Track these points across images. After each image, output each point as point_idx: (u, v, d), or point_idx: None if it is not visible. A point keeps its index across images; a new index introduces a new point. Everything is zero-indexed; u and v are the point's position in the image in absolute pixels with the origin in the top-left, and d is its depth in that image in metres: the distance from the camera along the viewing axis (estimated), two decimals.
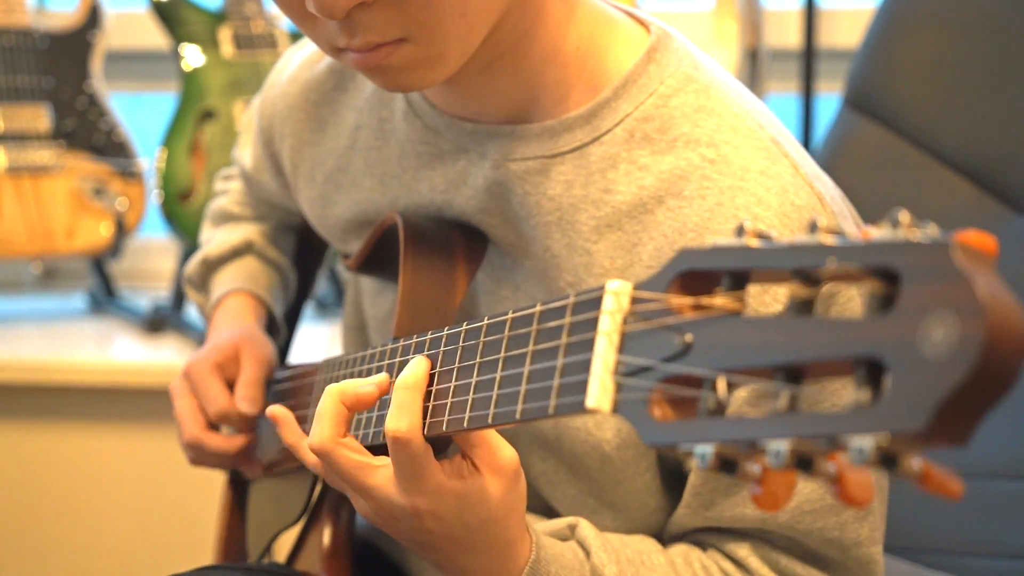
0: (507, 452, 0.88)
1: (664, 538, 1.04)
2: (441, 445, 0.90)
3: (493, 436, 0.88)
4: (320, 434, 0.90)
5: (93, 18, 2.37)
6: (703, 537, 1.02)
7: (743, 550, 1.00)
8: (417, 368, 0.88)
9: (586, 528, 0.98)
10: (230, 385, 1.25)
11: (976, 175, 1.62)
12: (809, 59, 2.20)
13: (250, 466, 1.28)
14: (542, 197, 1.03)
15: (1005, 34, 1.63)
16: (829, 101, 2.15)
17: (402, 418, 0.86)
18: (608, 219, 1.01)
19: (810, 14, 2.20)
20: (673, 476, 1.05)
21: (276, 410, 1.05)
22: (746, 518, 0.98)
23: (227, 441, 1.23)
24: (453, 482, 0.88)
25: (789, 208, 0.97)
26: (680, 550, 1.00)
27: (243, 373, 1.24)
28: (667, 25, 1.06)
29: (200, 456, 1.25)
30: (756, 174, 0.97)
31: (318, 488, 1.17)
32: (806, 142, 2.15)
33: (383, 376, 0.92)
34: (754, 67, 2.21)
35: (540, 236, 1.04)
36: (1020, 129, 1.61)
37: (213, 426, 1.25)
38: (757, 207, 0.96)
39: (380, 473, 0.90)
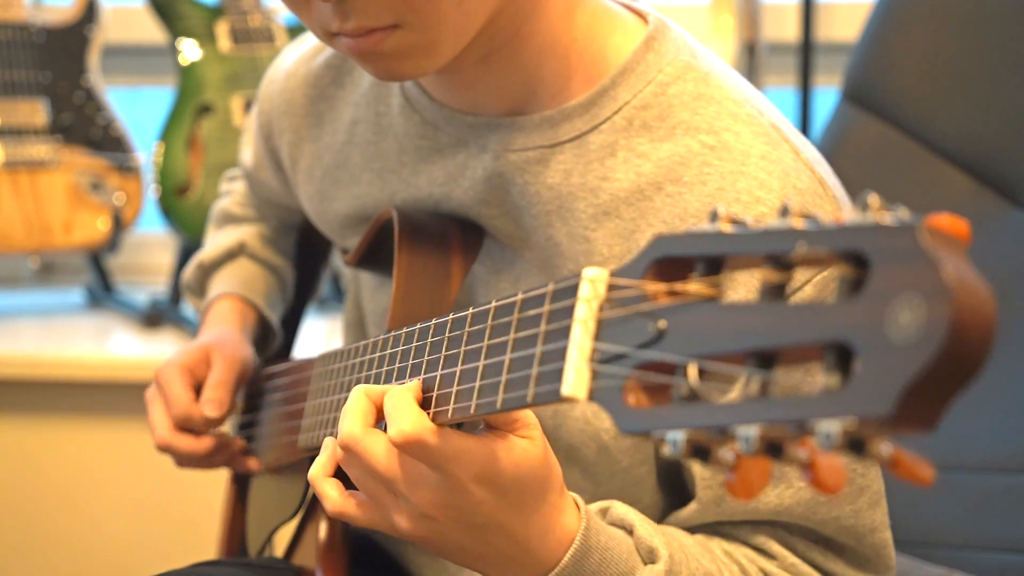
0: (532, 414, 0.84)
1: None
2: None
3: None
4: (348, 426, 0.84)
5: (90, 12, 2.37)
6: (716, 529, 1.01)
7: (760, 537, 0.99)
8: (406, 382, 0.86)
9: (621, 507, 0.95)
10: (201, 388, 1.24)
11: (974, 168, 1.62)
12: (807, 53, 2.20)
13: (239, 463, 1.28)
14: (541, 187, 1.03)
15: (1002, 27, 1.62)
16: (827, 95, 2.14)
17: (400, 421, 0.81)
18: (606, 206, 1.01)
19: (808, 8, 2.20)
20: (669, 473, 1.04)
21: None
22: (760, 511, 0.98)
23: (197, 443, 1.23)
24: (486, 442, 0.82)
25: (791, 191, 0.96)
26: (699, 537, 0.99)
27: (211, 374, 1.24)
28: (664, 16, 1.06)
29: (177, 459, 1.25)
30: (757, 159, 0.97)
31: None
32: (804, 136, 2.15)
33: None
34: (752, 61, 2.21)
35: (541, 226, 1.04)
36: (1018, 122, 1.60)
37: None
38: (759, 190, 0.96)
39: (414, 462, 0.83)
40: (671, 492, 1.05)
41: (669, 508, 1.04)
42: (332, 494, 0.89)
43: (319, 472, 0.90)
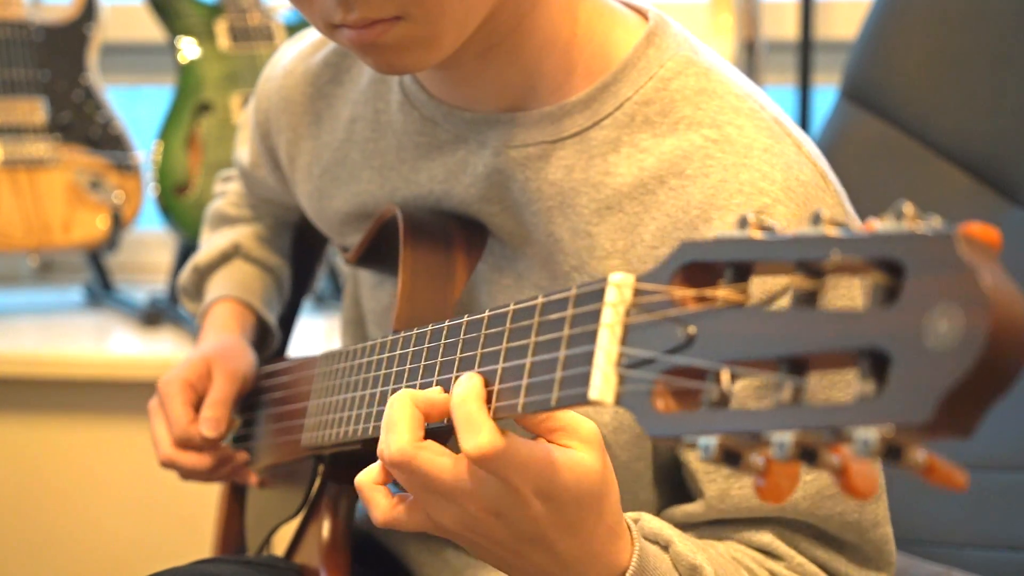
0: (589, 425, 0.82)
1: None
2: (442, 437, 0.85)
3: (570, 416, 0.81)
4: (398, 441, 0.80)
5: (89, 11, 2.37)
6: (719, 531, 1.01)
7: (765, 536, 0.99)
8: (469, 378, 0.81)
9: (652, 520, 0.93)
10: (203, 401, 1.24)
11: (973, 166, 1.62)
12: (806, 51, 2.20)
13: (240, 476, 1.29)
14: (543, 183, 1.03)
15: (1002, 26, 1.62)
16: (826, 93, 2.15)
17: (476, 435, 0.77)
18: (608, 201, 1.01)
19: (807, 6, 2.20)
20: (666, 470, 1.05)
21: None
22: (764, 507, 0.98)
23: (199, 458, 1.23)
24: (553, 454, 0.79)
25: (794, 183, 0.97)
26: (707, 543, 0.98)
27: (211, 392, 1.23)
28: (664, 13, 1.07)
29: (182, 473, 1.25)
30: (760, 151, 0.97)
31: (318, 481, 1.17)
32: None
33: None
34: (751, 59, 2.21)
35: (542, 222, 1.04)
36: (1017, 120, 1.61)
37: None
38: (762, 182, 0.96)
39: (476, 471, 0.80)
40: (667, 489, 1.05)
41: (664, 504, 1.05)
42: (382, 503, 0.86)
43: (370, 480, 0.87)
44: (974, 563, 1.43)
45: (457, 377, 0.84)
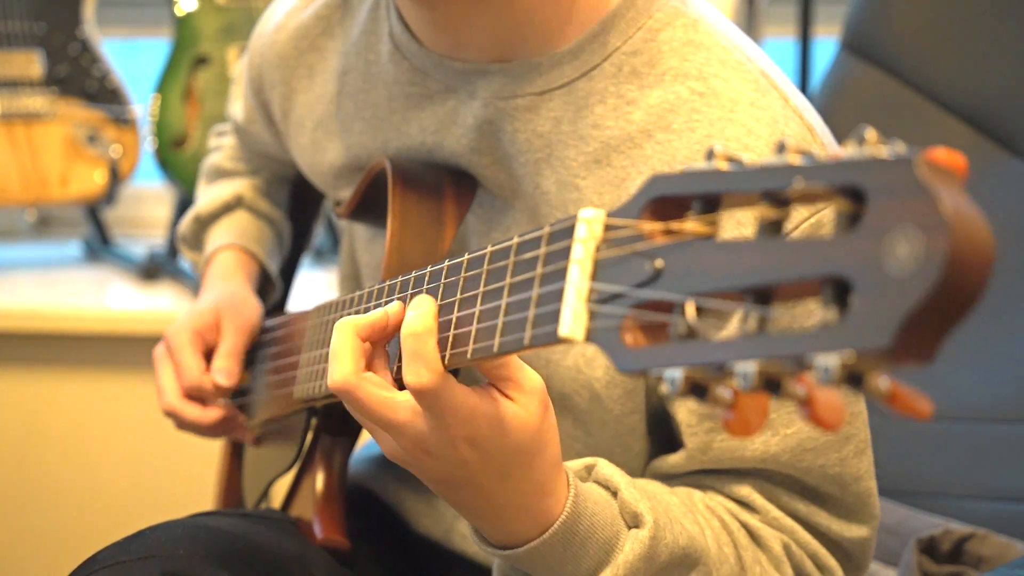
0: (535, 380, 0.84)
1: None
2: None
3: (518, 367, 0.83)
4: (341, 371, 0.83)
5: None
6: (701, 480, 1.01)
7: (744, 489, 0.99)
8: (423, 310, 0.82)
9: (607, 467, 0.94)
10: (211, 352, 1.25)
11: (974, 118, 1.62)
12: (807, 2, 2.18)
13: (238, 434, 1.29)
14: (531, 134, 1.03)
15: None
16: (827, 45, 2.13)
17: (420, 370, 0.80)
18: (596, 154, 1.01)
19: None
20: (659, 421, 1.04)
21: None
22: (746, 459, 0.98)
23: (203, 413, 1.24)
24: (486, 404, 0.82)
25: (780, 138, 0.96)
26: (682, 491, 0.99)
27: (222, 343, 1.24)
28: None
29: (180, 425, 1.25)
30: (746, 106, 0.97)
31: (310, 435, 1.17)
32: (803, 86, 2.14)
33: (394, 305, 0.87)
34: (751, 11, 2.19)
35: (530, 174, 1.03)
36: (1018, 72, 1.60)
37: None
38: (747, 138, 0.96)
39: (408, 407, 0.83)
40: (660, 440, 1.05)
41: (658, 454, 1.05)
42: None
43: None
44: (971, 514, 1.43)
45: (439, 322, 0.84)
